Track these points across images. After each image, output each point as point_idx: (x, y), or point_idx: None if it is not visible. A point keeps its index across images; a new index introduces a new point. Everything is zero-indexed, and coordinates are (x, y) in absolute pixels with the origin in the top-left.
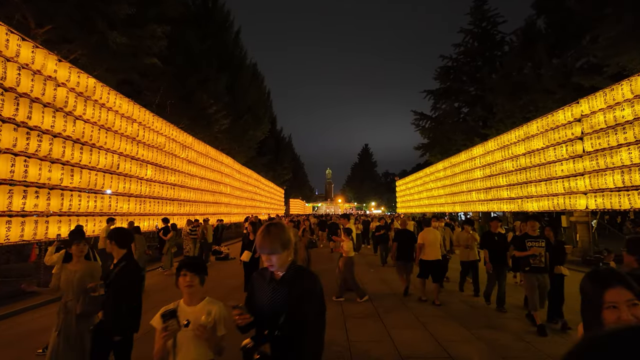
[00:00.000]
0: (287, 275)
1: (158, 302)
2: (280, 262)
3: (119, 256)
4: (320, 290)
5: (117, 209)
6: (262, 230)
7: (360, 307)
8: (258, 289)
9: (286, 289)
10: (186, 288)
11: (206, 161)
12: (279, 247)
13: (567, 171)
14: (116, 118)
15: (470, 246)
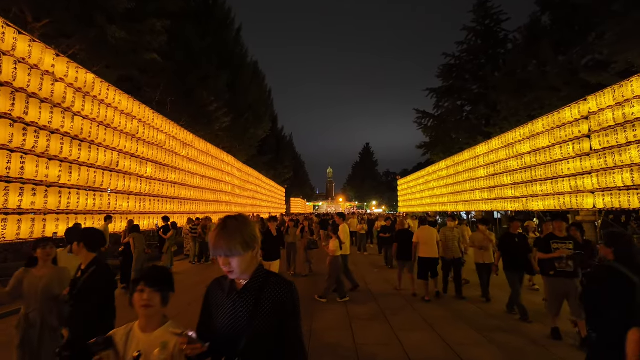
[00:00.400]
0: (253, 283)
1: None
2: (242, 266)
3: (87, 260)
4: (297, 300)
5: (117, 207)
6: (217, 226)
7: (366, 308)
8: (215, 304)
9: (252, 301)
10: (142, 308)
11: (207, 159)
12: (239, 246)
13: (574, 169)
14: (115, 115)
15: (485, 247)
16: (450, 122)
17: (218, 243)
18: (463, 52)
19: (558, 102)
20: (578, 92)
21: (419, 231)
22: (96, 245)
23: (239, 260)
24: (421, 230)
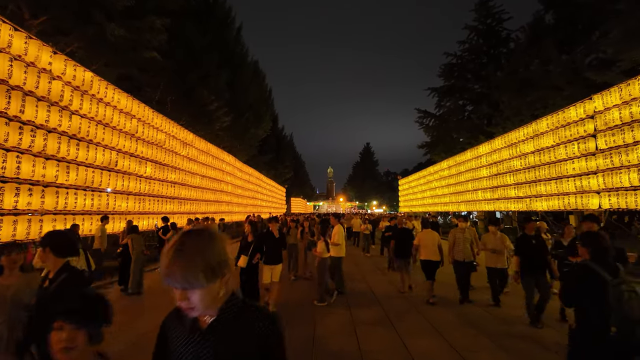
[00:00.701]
0: (222, 319)
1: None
2: (206, 301)
3: (56, 267)
4: (282, 334)
5: (115, 207)
6: (172, 245)
7: (370, 313)
8: (172, 348)
9: (219, 344)
10: (61, 353)
11: (207, 159)
12: (201, 275)
13: (579, 169)
14: (114, 114)
15: (499, 251)
16: (452, 121)
17: (171, 270)
18: (465, 51)
19: (562, 101)
20: (582, 91)
21: (420, 234)
22: (65, 250)
23: (202, 293)
24: (424, 233)
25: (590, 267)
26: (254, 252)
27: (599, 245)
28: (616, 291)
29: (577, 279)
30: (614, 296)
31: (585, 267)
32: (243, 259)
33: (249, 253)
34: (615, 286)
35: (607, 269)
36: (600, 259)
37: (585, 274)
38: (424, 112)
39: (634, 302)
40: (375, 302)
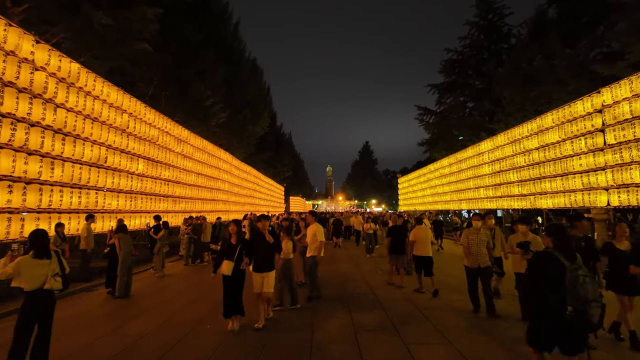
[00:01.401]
0: None
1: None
2: None
3: None
4: None
5: (105, 205)
6: None
7: (373, 317)
8: None
9: None
10: None
11: (203, 156)
12: None
13: (586, 165)
14: (103, 108)
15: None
16: (453, 118)
17: None
18: (465, 47)
19: (567, 96)
20: (586, 85)
21: (415, 230)
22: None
23: None
24: (417, 229)
25: (553, 254)
26: (241, 256)
27: (561, 235)
28: (573, 275)
29: (540, 263)
30: (571, 280)
31: (547, 253)
32: (227, 265)
33: (235, 258)
34: (572, 271)
35: (567, 256)
36: (562, 247)
37: (548, 259)
38: (424, 109)
39: (588, 286)
40: (377, 305)
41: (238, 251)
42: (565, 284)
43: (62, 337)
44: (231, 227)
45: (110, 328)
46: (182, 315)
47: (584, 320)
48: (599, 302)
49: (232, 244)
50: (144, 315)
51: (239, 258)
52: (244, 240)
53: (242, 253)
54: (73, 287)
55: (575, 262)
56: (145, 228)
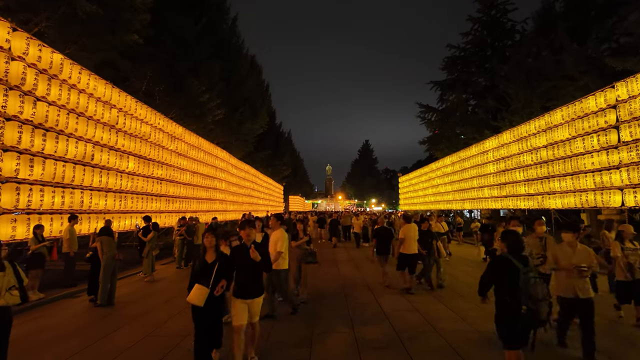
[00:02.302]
0: None
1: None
2: None
3: None
4: None
5: (92, 205)
6: None
7: (378, 331)
8: None
9: None
10: None
11: (199, 154)
12: None
13: (599, 164)
14: (90, 102)
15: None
16: (456, 116)
17: None
18: (468, 43)
19: (576, 91)
20: (596, 81)
21: (404, 229)
22: None
23: None
24: (407, 228)
25: (508, 258)
26: (218, 278)
27: (514, 241)
28: (525, 277)
29: (498, 267)
30: (524, 281)
31: (504, 258)
32: (198, 291)
33: (210, 281)
34: (525, 274)
35: (520, 260)
36: (514, 251)
37: (504, 263)
38: (426, 106)
39: (538, 286)
40: (382, 317)
41: (215, 272)
42: (519, 285)
43: (29, 354)
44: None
45: (86, 342)
46: (169, 327)
47: (536, 317)
48: (547, 301)
49: (206, 262)
50: (126, 327)
51: (215, 280)
52: (223, 258)
53: (220, 274)
54: (56, 293)
55: (528, 265)
56: (135, 229)
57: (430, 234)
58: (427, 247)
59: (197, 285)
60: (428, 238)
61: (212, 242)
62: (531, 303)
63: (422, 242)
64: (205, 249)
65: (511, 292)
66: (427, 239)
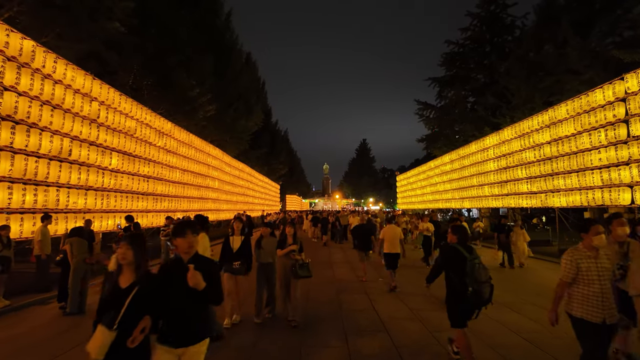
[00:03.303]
0: None
1: None
2: None
3: None
4: None
5: (69, 204)
6: None
7: (374, 344)
8: None
9: None
10: None
11: (189, 151)
12: None
13: (607, 160)
14: (67, 94)
15: None
16: (454, 113)
17: None
18: (467, 39)
19: (580, 86)
20: (601, 75)
21: (385, 229)
22: None
23: None
24: (387, 228)
25: (457, 248)
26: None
27: (462, 233)
28: (471, 264)
29: (449, 255)
30: (470, 267)
31: (454, 247)
32: (98, 335)
33: (117, 319)
34: (471, 260)
35: (466, 249)
36: (462, 242)
37: (454, 252)
38: (424, 103)
39: (481, 271)
40: (379, 326)
41: (129, 304)
42: (466, 271)
43: None
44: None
45: (50, 356)
46: None
47: (480, 297)
48: (489, 283)
49: (118, 287)
50: None
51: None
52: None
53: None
54: (25, 300)
55: (472, 253)
56: (117, 230)
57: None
58: None
59: (99, 327)
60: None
61: (127, 254)
62: (476, 285)
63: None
64: (120, 268)
65: (459, 277)
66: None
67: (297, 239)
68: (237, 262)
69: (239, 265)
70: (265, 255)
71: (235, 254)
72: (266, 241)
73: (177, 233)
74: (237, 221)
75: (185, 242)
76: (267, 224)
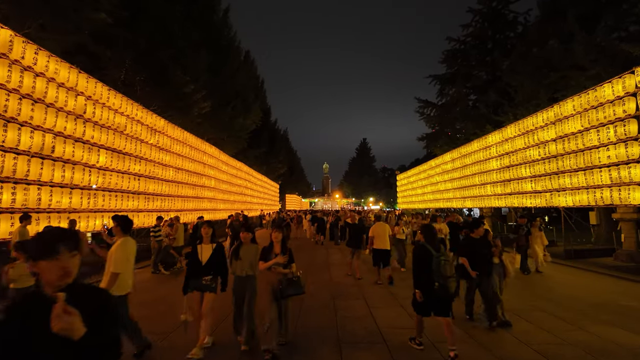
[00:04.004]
0: None
1: None
2: None
3: None
4: None
5: (52, 203)
6: None
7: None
8: None
9: None
10: None
11: (184, 149)
12: None
13: (616, 157)
14: (50, 87)
15: None
16: (456, 111)
17: None
18: (468, 36)
19: (587, 81)
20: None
21: (374, 227)
22: None
23: None
24: (376, 226)
25: (426, 246)
26: None
27: (430, 233)
28: (437, 260)
29: (419, 253)
30: (436, 263)
31: (423, 246)
32: None
33: None
34: (437, 257)
35: (433, 247)
36: (430, 241)
37: (423, 250)
38: (425, 101)
39: (446, 267)
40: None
41: None
42: (432, 267)
43: None
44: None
45: None
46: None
47: (445, 291)
48: (454, 278)
49: None
50: None
51: None
52: None
53: None
54: None
55: (440, 251)
56: (102, 231)
57: (486, 244)
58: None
59: None
60: (484, 249)
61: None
62: (442, 280)
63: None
64: None
65: (427, 273)
66: (482, 251)
67: (286, 247)
68: (206, 277)
69: (209, 280)
70: (242, 267)
71: (204, 266)
72: (246, 249)
73: (40, 252)
74: (206, 226)
75: (56, 266)
76: (248, 228)
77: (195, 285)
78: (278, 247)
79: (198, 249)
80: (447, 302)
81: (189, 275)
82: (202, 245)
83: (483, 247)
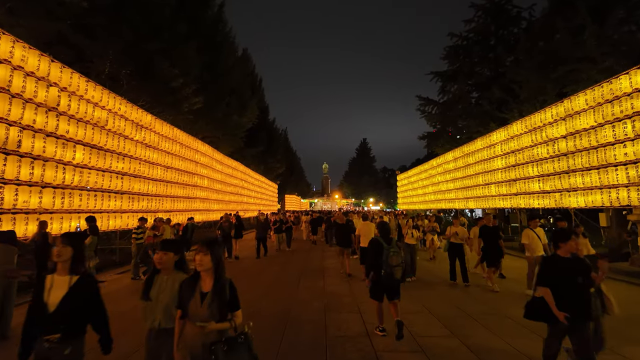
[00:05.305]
0: None
1: None
2: None
3: None
4: None
5: (17, 203)
6: None
7: None
8: None
9: None
10: None
11: (174, 147)
12: None
13: (633, 155)
14: (15, 76)
15: None
16: (458, 108)
17: None
18: (470, 32)
19: (598, 75)
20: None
21: (360, 226)
22: None
23: None
24: (363, 225)
25: (379, 240)
26: None
27: (384, 229)
28: (387, 252)
29: (373, 246)
30: (385, 254)
31: (376, 239)
32: None
33: None
34: (387, 249)
35: (386, 241)
36: (384, 235)
37: (376, 243)
38: (426, 99)
39: (394, 257)
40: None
41: None
42: (383, 257)
43: None
44: None
45: None
46: None
47: (391, 278)
48: (401, 267)
49: None
50: None
51: None
52: None
53: None
54: None
55: (391, 244)
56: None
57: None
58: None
59: None
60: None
61: None
62: (389, 268)
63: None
64: None
65: (378, 262)
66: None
67: (223, 279)
68: (53, 335)
69: (56, 341)
70: (153, 314)
71: (51, 315)
72: (162, 283)
73: None
74: (62, 242)
75: None
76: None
77: (37, 349)
78: (208, 282)
79: (45, 283)
80: (396, 287)
81: (26, 330)
82: (54, 277)
83: (576, 271)
